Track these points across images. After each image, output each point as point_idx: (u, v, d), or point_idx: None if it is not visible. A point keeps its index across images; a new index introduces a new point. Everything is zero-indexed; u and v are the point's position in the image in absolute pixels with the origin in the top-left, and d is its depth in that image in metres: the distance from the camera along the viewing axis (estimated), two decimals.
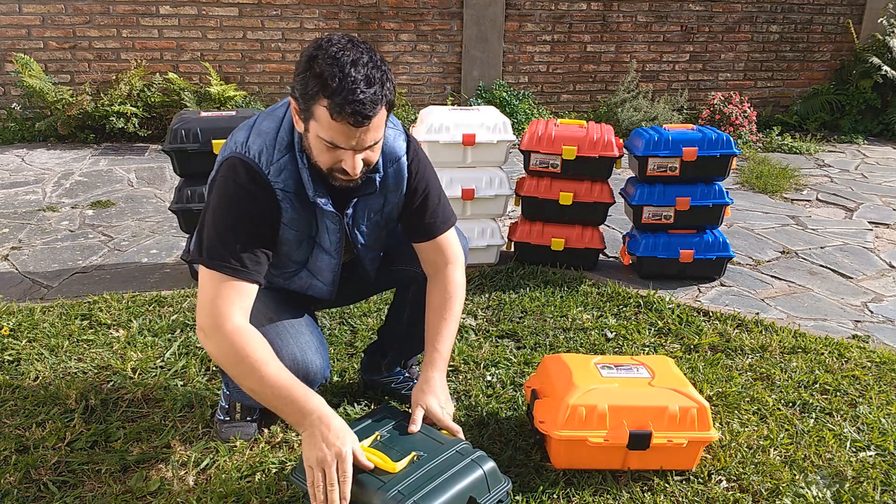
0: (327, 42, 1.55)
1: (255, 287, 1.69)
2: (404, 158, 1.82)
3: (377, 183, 1.78)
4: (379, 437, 1.68)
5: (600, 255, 3.46)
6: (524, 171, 3.33)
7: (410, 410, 1.78)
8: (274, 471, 1.91)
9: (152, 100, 5.52)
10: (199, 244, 1.69)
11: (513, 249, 3.44)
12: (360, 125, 1.53)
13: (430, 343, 1.86)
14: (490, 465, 1.63)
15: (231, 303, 1.63)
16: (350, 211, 1.80)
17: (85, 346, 2.53)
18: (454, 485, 1.56)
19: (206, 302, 1.64)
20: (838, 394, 2.40)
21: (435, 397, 1.77)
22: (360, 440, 1.64)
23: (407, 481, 1.54)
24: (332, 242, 1.82)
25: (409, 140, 1.85)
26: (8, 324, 2.64)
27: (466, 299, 2.98)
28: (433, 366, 1.83)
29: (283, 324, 1.84)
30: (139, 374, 2.36)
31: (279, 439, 2.04)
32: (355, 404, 2.23)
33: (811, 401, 2.34)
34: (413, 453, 1.62)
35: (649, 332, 2.78)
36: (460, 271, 1.94)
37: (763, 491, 1.91)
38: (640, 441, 1.87)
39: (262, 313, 1.81)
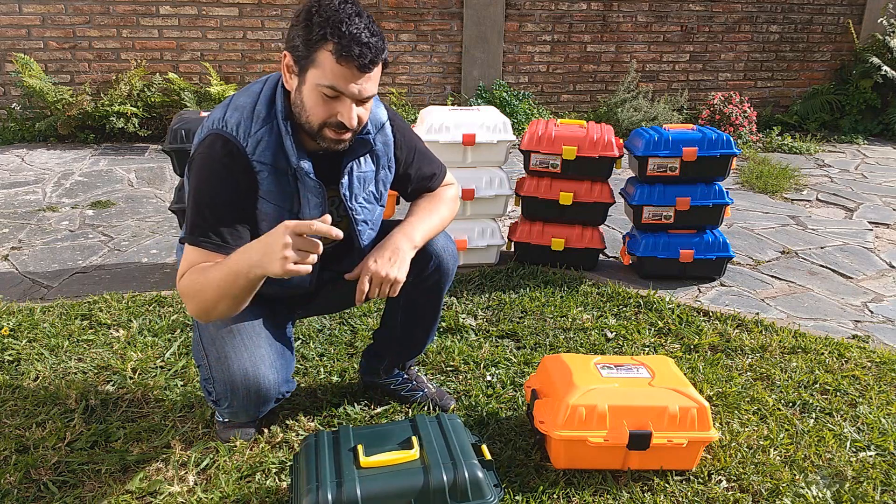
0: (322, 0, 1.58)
1: None
2: (388, 123, 1.86)
3: (372, 141, 1.79)
4: (361, 448, 1.65)
5: (600, 255, 3.46)
6: (524, 171, 3.33)
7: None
8: (274, 471, 1.91)
9: (152, 100, 5.52)
10: (185, 224, 1.71)
11: (513, 249, 3.44)
12: (366, 70, 1.55)
13: (409, 214, 1.90)
14: (454, 415, 1.83)
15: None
16: (345, 181, 1.78)
17: (85, 346, 2.54)
18: (463, 437, 1.69)
19: (184, 267, 1.65)
20: (838, 394, 2.40)
21: (375, 253, 1.76)
22: (355, 457, 1.63)
23: (438, 455, 1.62)
24: (315, 218, 1.79)
25: (385, 105, 1.91)
26: (8, 324, 2.64)
27: (466, 299, 2.99)
28: (398, 227, 1.84)
29: (241, 335, 1.81)
30: (139, 374, 2.36)
31: (279, 439, 2.04)
32: (355, 404, 2.23)
33: (811, 401, 2.34)
34: (411, 437, 1.68)
35: (649, 332, 2.78)
36: (453, 190, 2.02)
37: (763, 491, 1.91)
38: (640, 441, 1.87)
39: (221, 321, 1.79)
